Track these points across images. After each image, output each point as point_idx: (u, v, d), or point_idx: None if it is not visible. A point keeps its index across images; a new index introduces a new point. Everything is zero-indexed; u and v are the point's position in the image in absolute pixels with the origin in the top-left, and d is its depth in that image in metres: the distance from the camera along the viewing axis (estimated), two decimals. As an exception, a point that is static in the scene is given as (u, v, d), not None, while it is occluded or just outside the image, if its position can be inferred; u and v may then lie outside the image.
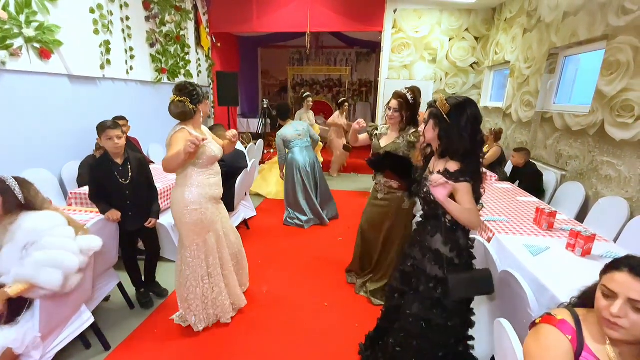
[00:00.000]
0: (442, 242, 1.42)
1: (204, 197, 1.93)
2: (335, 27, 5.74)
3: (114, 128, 2.04)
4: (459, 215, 1.32)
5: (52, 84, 3.00)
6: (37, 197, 1.59)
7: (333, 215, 4.03)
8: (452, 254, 1.41)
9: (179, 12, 4.84)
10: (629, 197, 2.43)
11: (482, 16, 5.36)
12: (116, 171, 2.08)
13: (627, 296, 0.81)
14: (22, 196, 1.53)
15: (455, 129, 1.33)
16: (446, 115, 1.34)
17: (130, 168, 2.13)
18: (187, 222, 1.92)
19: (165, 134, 1.99)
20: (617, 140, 2.56)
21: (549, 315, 0.94)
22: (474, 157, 1.36)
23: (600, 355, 0.87)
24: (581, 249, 1.67)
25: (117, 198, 2.08)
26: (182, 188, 1.91)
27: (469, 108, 1.34)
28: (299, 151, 3.72)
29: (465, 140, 1.32)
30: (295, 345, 2.01)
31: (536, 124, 3.80)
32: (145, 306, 2.31)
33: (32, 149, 2.86)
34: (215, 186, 2.00)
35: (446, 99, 1.36)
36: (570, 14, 3.26)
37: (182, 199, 1.90)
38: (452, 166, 1.36)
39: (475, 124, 1.34)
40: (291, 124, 3.76)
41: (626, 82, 2.50)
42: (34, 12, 2.71)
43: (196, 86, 1.92)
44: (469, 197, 1.32)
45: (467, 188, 1.32)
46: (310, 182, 3.77)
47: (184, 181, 1.91)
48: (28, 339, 1.46)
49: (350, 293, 2.55)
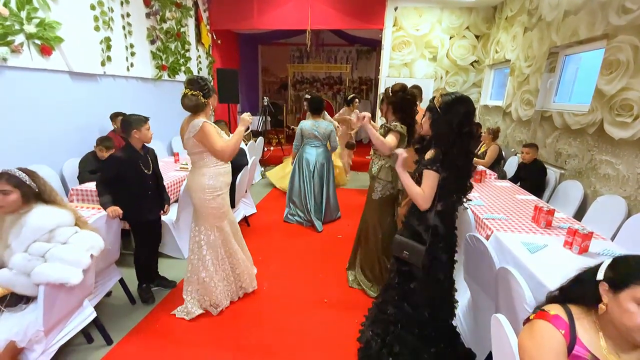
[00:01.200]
0: (417, 222, 1.62)
1: (222, 184, 2.12)
2: (335, 25, 5.73)
3: (147, 121, 2.19)
4: (407, 188, 1.57)
5: (53, 80, 3.01)
6: (46, 186, 1.62)
7: (333, 218, 3.91)
8: (425, 233, 1.58)
9: (179, 9, 4.83)
10: (626, 195, 2.45)
11: (482, 14, 5.35)
12: (141, 162, 2.18)
13: None
14: (35, 185, 1.57)
15: (443, 118, 1.48)
16: (438, 108, 1.50)
17: (150, 159, 2.26)
18: (212, 207, 2.10)
19: (165, 131, 2.04)
20: (616, 139, 2.58)
21: (543, 310, 0.96)
22: (459, 149, 1.48)
23: (592, 349, 0.89)
24: (578, 246, 1.69)
25: (141, 188, 2.19)
26: (203, 176, 2.07)
27: (460, 103, 1.48)
28: (310, 149, 3.70)
29: (452, 130, 1.46)
30: (295, 341, 2.03)
31: (536, 122, 3.81)
32: (147, 302, 2.33)
33: (33, 145, 2.87)
34: (228, 174, 2.19)
35: (442, 95, 1.50)
36: (570, 13, 3.26)
37: (205, 185, 2.07)
38: (430, 154, 1.54)
39: (464, 117, 1.47)
40: (316, 121, 3.65)
41: (626, 81, 2.51)
42: (35, 9, 2.71)
43: (207, 81, 2.06)
44: (429, 183, 1.50)
45: (431, 176, 1.50)
46: (315, 182, 3.72)
47: (203, 170, 2.07)
48: (30, 332, 1.48)
49: (349, 289, 2.57)
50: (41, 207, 1.57)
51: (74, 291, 1.66)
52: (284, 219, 3.87)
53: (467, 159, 1.53)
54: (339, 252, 3.09)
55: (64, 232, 1.58)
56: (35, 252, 1.50)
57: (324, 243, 3.36)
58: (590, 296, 0.93)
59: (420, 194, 1.52)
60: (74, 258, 1.55)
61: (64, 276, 1.51)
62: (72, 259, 1.54)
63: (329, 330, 2.12)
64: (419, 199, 1.53)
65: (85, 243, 1.62)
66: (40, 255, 1.50)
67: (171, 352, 1.92)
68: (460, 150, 1.48)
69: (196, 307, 2.19)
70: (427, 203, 1.53)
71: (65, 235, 1.58)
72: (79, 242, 1.60)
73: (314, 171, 3.70)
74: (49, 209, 1.58)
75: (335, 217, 3.96)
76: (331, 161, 3.86)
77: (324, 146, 3.74)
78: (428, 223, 1.58)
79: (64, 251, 1.53)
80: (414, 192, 1.55)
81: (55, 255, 1.51)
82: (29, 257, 1.48)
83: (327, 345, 2.00)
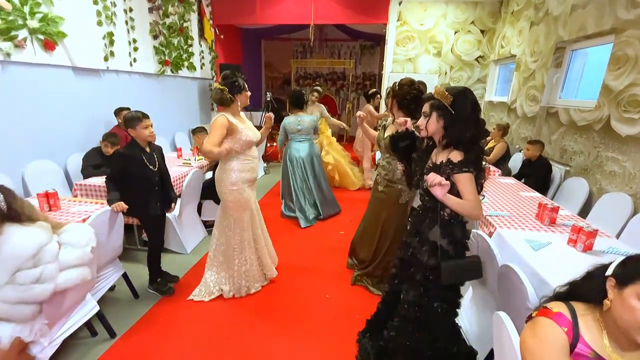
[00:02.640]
0: (440, 234, 1.43)
1: (241, 180, 2.21)
2: (339, 20, 5.69)
3: (147, 117, 2.14)
4: (459, 208, 1.33)
5: (57, 75, 3.01)
6: (24, 207, 1.44)
7: (332, 213, 3.91)
8: (449, 246, 1.43)
9: (182, 4, 4.82)
10: (632, 193, 2.42)
11: (488, 9, 5.27)
12: (146, 159, 2.17)
13: None
14: (5, 206, 1.36)
15: (460, 118, 1.34)
16: (449, 106, 1.35)
17: (156, 156, 2.25)
18: (229, 200, 2.23)
19: (169, 126, 2.04)
20: (623, 135, 2.54)
21: (545, 308, 0.95)
22: (477, 145, 1.38)
23: (595, 347, 0.88)
24: (583, 244, 1.67)
25: (147, 185, 2.19)
26: (225, 172, 2.20)
27: (469, 95, 1.37)
28: (296, 144, 3.69)
29: (471, 128, 1.35)
30: (296, 337, 2.04)
31: (541, 118, 3.77)
32: (166, 293, 2.37)
33: (37, 140, 2.89)
34: (251, 171, 2.26)
35: (446, 90, 1.36)
36: (578, 7, 3.20)
37: (224, 180, 2.20)
38: (455, 156, 1.36)
39: (477, 111, 1.38)
40: (297, 116, 3.63)
41: (633, 76, 2.47)
42: (38, 3, 2.71)
43: (239, 77, 2.11)
44: (472, 188, 1.33)
45: (469, 179, 1.33)
46: (308, 177, 3.70)
47: (226, 165, 2.20)
48: (36, 326, 1.49)
49: (350, 286, 2.57)
50: (15, 230, 1.36)
51: (77, 286, 1.67)
52: (280, 215, 3.86)
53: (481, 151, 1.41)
54: (340, 248, 3.09)
55: (49, 251, 1.44)
56: (26, 281, 1.36)
57: (326, 239, 3.36)
58: (596, 292, 0.92)
59: (474, 202, 1.32)
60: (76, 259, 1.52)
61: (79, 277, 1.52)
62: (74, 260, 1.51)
63: (330, 326, 2.13)
64: (474, 211, 1.32)
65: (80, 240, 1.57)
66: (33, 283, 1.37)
67: (174, 344, 1.94)
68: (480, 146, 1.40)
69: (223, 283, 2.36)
70: (480, 208, 1.36)
71: (52, 253, 1.45)
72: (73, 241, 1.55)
73: (303, 166, 3.69)
74: (25, 231, 1.38)
75: (334, 212, 3.95)
76: (317, 154, 3.86)
77: (309, 140, 3.72)
78: (454, 235, 1.43)
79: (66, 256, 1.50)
80: (466, 207, 1.32)
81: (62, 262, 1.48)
82: (22, 288, 1.35)
83: (329, 341, 2.00)
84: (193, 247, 3.08)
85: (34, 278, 1.38)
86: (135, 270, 2.37)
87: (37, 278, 1.39)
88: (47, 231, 1.48)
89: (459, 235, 1.45)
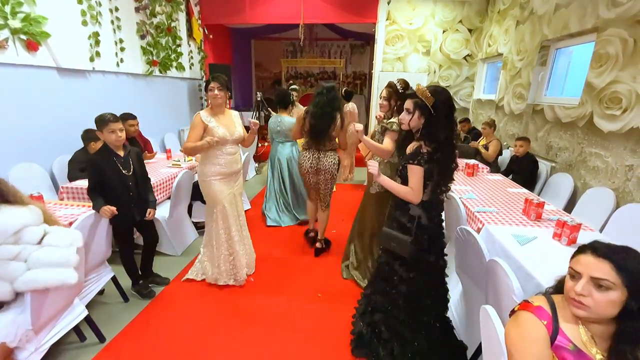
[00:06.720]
0: (400, 213, 1.67)
1: (210, 172, 2.31)
2: (328, 19, 5.69)
3: (115, 121, 2.04)
4: (393, 190, 1.61)
5: (41, 76, 2.95)
6: (8, 187, 1.51)
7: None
8: (409, 224, 1.62)
9: (169, 3, 4.76)
10: (615, 187, 2.48)
11: (475, 8, 5.35)
12: (119, 163, 2.10)
13: (590, 275, 0.87)
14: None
15: (438, 119, 1.49)
16: (431, 107, 1.48)
17: (131, 160, 2.16)
18: (204, 190, 2.39)
19: (157, 127, 2.02)
20: (605, 131, 2.61)
21: (527, 302, 0.98)
22: (449, 144, 1.53)
23: (574, 339, 0.91)
24: (567, 238, 1.71)
25: (121, 190, 2.10)
26: (200, 163, 2.36)
27: (447, 99, 1.51)
28: (277, 145, 3.68)
29: (445, 129, 1.50)
30: (288, 336, 2.04)
31: (527, 116, 3.84)
32: (147, 297, 2.34)
33: (22, 143, 2.82)
34: (224, 166, 2.33)
35: (428, 91, 1.48)
36: (562, 6, 3.27)
37: (198, 170, 2.38)
38: (421, 148, 1.56)
39: (452, 114, 1.53)
40: (278, 117, 3.56)
41: (615, 74, 2.53)
42: (20, 3, 2.65)
43: (211, 77, 2.22)
44: (415, 179, 1.53)
45: (416, 171, 1.52)
46: (284, 179, 3.67)
47: (202, 157, 2.35)
48: (20, 332, 1.46)
49: (342, 283, 2.59)
50: (2, 208, 1.45)
51: (62, 290, 1.64)
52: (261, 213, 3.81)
53: (453, 147, 1.56)
54: (332, 246, 3.11)
55: (31, 232, 1.48)
56: (5, 256, 1.40)
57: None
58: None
59: (409, 192, 1.55)
60: (60, 258, 1.51)
61: (60, 278, 1.49)
62: (57, 260, 1.50)
63: (323, 325, 2.14)
64: (409, 197, 1.56)
65: (63, 240, 1.56)
66: (9, 259, 1.41)
67: (165, 348, 1.92)
68: (451, 145, 1.54)
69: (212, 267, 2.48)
70: (418, 198, 1.55)
71: (35, 235, 1.48)
72: (56, 241, 1.54)
73: (281, 168, 3.66)
74: (11, 210, 1.46)
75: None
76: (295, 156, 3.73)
77: (290, 142, 3.66)
78: (412, 214, 1.61)
79: (45, 254, 1.48)
80: (402, 191, 1.58)
81: (41, 260, 1.46)
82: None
83: (322, 340, 2.01)
84: (184, 248, 3.06)
85: (12, 254, 1.43)
86: (124, 273, 2.34)
87: (15, 255, 1.43)
88: (36, 215, 1.54)
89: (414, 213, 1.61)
